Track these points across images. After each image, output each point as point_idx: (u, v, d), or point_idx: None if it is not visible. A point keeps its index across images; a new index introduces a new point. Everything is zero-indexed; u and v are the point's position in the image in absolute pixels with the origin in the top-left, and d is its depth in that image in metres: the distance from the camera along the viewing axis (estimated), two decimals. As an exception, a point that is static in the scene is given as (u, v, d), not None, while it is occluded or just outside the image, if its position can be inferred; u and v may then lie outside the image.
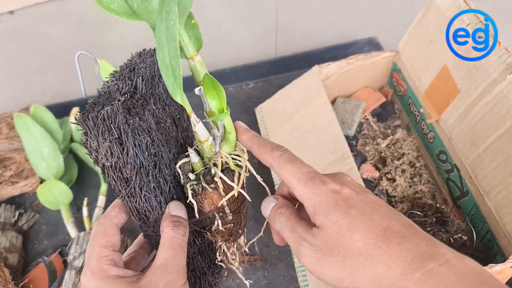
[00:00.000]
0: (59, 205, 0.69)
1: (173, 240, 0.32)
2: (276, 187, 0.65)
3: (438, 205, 0.57)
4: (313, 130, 0.65)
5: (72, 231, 0.67)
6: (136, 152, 0.30)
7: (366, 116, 0.73)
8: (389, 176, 0.64)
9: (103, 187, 0.71)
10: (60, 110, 0.82)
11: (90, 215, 0.69)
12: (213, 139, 0.34)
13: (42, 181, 0.73)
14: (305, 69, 0.72)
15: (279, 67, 0.90)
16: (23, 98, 0.94)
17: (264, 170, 0.69)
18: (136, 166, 0.30)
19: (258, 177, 0.36)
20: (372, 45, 0.90)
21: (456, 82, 0.55)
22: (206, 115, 0.33)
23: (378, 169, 0.65)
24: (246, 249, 0.40)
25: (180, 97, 0.30)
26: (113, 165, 0.30)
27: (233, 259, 0.39)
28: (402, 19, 0.72)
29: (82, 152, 0.76)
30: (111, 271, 0.31)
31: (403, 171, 0.64)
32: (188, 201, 0.34)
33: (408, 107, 0.69)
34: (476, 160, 0.53)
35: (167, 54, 0.29)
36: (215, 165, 0.34)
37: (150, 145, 0.31)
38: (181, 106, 0.35)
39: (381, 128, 0.71)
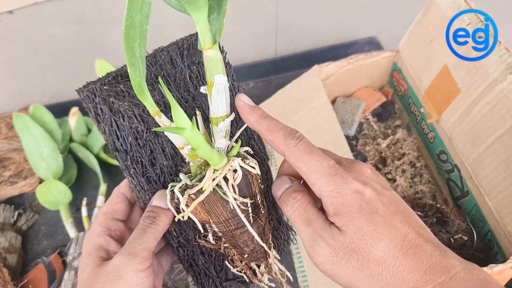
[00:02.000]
0: (58, 205, 0.69)
1: (145, 228, 0.32)
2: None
3: (438, 205, 0.57)
4: (313, 130, 0.64)
5: (71, 231, 0.67)
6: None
7: (366, 116, 0.72)
8: (389, 176, 0.64)
9: (102, 187, 0.71)
10: (60, 110, 0.82)
11: (89, 215, 0.68)
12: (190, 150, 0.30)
13: (41, 181, 0.73)
14: (305, 69, 0.72)
15: (279, 67, 0.90)
16: (22, 98, 0.94)
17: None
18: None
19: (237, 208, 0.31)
20: (372, 45, 0.90)
21: (456, 82, 0.55)
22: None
23: (378, 169, 0.65)
24: (288, 275, 0.38)
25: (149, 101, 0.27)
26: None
27: (258, 277, 0.37)
28: (402, 19, 0.72)
29: (82, 152, 0.76)
30: (99, 238, 0.32)
31: (403, 171, 0.64)
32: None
33: (409, 107, 0.69)
34: (476, 160, 0.53)
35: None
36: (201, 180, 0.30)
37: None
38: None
39: (382, 128, 0.71)
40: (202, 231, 0.33)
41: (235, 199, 0.30)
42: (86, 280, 0.30)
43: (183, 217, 0.31)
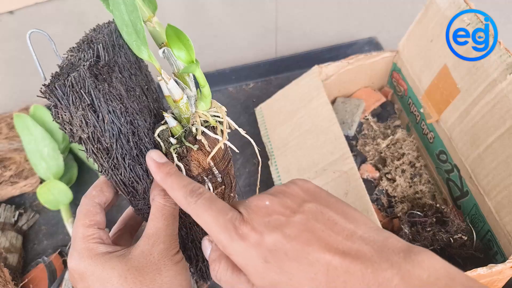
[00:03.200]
0: (59, 205, 0.69)
1: (164, 208, 0.30)
2: (276, 184, 0.65)
3: (438, 205, 0.57)
4: (313, 130, 0.65)
5: (71, 231, 0.67)
6: (112, 119, 0.28)
7: (366, 116, 0.72)
8: (389, 176, 0.64)
9: (103, 187, 0.71)
10: (60, 110, 0.82)
11: (90, 215, 0.69)
12: (188, 98, 0.32)
13: (42, 181, 0.73)
14: (305, 69, 0.72)
15: (279, 67, 0.90)
16: (23, 98, 0.94)
17: (263, 169, 0.69)
18: (114, 133, 0.29)
19: (240, 130, 0.34)
20: (372, 45, 0.90)
21: (456, 82, 0.55)
22: (175, 77, 0.32)
23: (378, 169, 0.65)
24: None
25: (147, 53, 0.29)
26: (90, 135, 0.28)
27: None
28: (402, 19, 0.72)
29: (82, 152, 0.76)
30: (99, 249, 0.30)
31: (403, 171, 0.64)
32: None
33: (408, 107, 0.69)
34: (476, 160, 0.53)
35: (124, 11, 0.27)
36: (193, 125, 0.33)
37: (125, 112, 0.29)
38: (147, 77, 0.34)
39: (381, 128, 0.71)
40: (208, 179, 0.33)
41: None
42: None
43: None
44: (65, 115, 0.28)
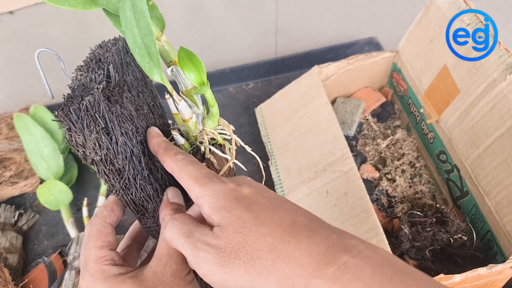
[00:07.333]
0: (59, 205, 0.69)
1: None
2: (276, 187, 0.65)
3: (438, 205, 0.57)
4: (313, 130, 0.65)
5: (72, 231, 0.67)
6: (125, 140, 0.29)
7: (366, 116, 0.72)
8: (389, 176, 0.64)
9: (103, 187, 0.71)
10: (60, 110, 0.82)
11: (90, 215, 0.69)
12: (196, 117, 0.33)
13: (42, 181, 0.73)
14: (305, 69, 0.72)
15: (279, 67, 0.90)
16: (23, 98, 0.94)
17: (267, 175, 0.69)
18: (127, 155, 0.29)
19: (246, 147, 0.35)
20: (372, 45, 0.90)
21: (456, 82, 0.55)
22: (182, 96, 0.32)
23: (378, 169, 0.65)
24: None
25: (159, 75, 0.29)
26: (103, 158, 0.29)
27: None
28: (402, 19, 0.72)
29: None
30: (111, 270, 0.30)
31: (403, 171, 0.64)
32: None
33: (408, 107, 0.69)
34: (476, 160, 0.53)
35: (137, 33, 0.27)
36: (202, 143, 0.33)
37: (135, 132, 0.30)
38: (152, 93, 0.34)
39: (381, 128, 0.71)
40: None
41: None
42: None
43: None
44: (78, 138, 0.28)
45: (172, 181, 0.34)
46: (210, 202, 0.26)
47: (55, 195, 0.68)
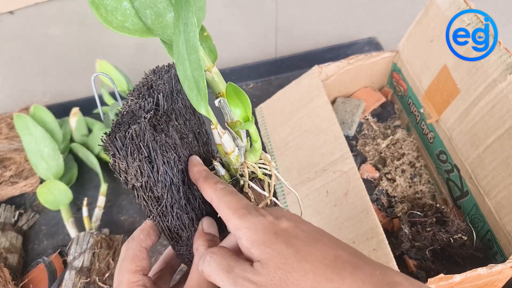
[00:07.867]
0: (59, 205, 0.69)
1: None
2: (276, 187, 0.65)
3: (438, 205, 0.57)
4: (313, 130, 0.65)
5: (72, 231, 0.67)
6: (166, 170, 0.30)
7: (366, 116, 0.73)
8: (389, 176, 0.64)
9: (103, 187, 0.71)
10: (60, 110, 0.82)
11: (90, 215, 0.69)
12: (238, 149, 0.33)
13: (42, 181, 0.73)
14: (305, 69, 0.72)
15: (279, 67, 0.90)
16: (23, 98, 0.94)
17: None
18: (167, 184, 0.30)
19: (286, 183, 0.35)
20: (372, 45, 0.90)
21: (456, 82, 0.55)
22: (227, 126, 0.33)
23: (378, 169, 0.65)
24: None
25: (205, 109, 0.29)
26: (144, 184, 0.29)
27: None
28: (402, 19, 0.72)
29: (82, 152, 0.76)
30: None
31: (403, 171, 0.64)
32: (219, 216, 0.33)
33: (408, 107, 0.69)
34: (476, 160, 0.53)
35: (188, 67, 0.28)
36: (242, 176, 0.33)
37: (178, 161, 0.30)
38: (199, 120, 0.35)
39: (381, 128, 0.71)
40: None
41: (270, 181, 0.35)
42: None
43: None
44: (122, 164, 0.28)
45: (209, 211, 0.34)
46: (248, 235, 0.26)
47: (55, 195, 0.68)
